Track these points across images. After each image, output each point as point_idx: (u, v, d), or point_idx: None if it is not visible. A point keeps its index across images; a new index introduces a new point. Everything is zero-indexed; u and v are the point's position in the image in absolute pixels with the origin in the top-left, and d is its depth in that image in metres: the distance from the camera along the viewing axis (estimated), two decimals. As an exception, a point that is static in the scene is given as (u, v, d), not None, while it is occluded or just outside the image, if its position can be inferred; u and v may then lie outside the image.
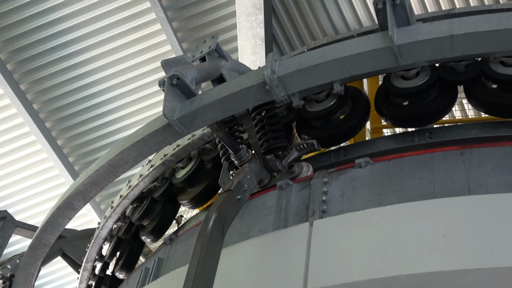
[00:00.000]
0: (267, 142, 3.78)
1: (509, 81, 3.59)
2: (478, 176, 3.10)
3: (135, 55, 10.45)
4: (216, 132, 3.54)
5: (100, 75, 10.57)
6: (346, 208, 3.22)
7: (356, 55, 2.95)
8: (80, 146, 11.19)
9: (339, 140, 4.08)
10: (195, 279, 2.76)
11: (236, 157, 3.64)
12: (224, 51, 4.14)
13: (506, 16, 2.81)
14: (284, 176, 3.70)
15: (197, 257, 2.87)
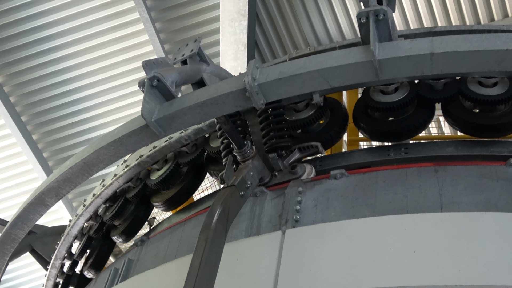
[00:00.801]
0: (271, 141, 3.74)
1: (485, 101, 3.64)
2: (450, 194, 3.13)
3: (116, 54, 10.40)
4: (223, 125, 3.47)
5: (79, 72, 10.50)
6: (319, 219, 3.23)
7: (337, 67, 2.96)
8: (55, 142, 11.09)
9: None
10: (199, 273, 2.71)
11: (239, 153, 3.57)
12: (206, 55, 4.13)
13: (486, 38, 2.85)
14: (286, 176, 3.66)
15: (201, 250, 2.82)
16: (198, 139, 4.40)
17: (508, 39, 2.81)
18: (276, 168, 3.72)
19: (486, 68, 2.89)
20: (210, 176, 4.56)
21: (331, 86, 3.09)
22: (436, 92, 3.78)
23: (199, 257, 2.78)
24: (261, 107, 3.18)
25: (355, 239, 2.96)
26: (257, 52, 10.87)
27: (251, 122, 3.88)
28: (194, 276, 2.70)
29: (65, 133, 11.02)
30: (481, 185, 3.12)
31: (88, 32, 10.16)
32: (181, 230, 3.83)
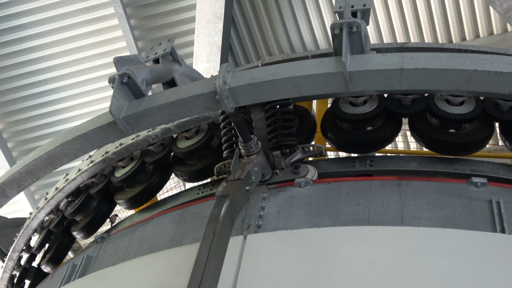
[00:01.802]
0: (276, 138, 3.71)
1: (451, 119, 3.69)
2: (412, 208, 3.17)
3: (88, 48, 10.31)
4: (232, 117, 3.38)
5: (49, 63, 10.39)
6: (281, 226, 3.24)
7: (308, 76, 2.98)
8: (21, 133, 10.95)
9: (282, 157, 4.11)
10: (206, 265, 2.67)
11: (244, 147, 3.51)
12: (178, 55, 4.13)
13: (456, 57, 2.89)
14: (288, 175, 3.63)
15: (208, 242, 2.78)
16: (165, 139, 4.39)
17: (477, 59, 2.86)
18: (277, 166, 3.68)
19: (454, 86, 2.94)
20: (176, 177, 4.54)
21: (301, 95, 3.10)
22: (404, 107, 3.83)
23: (207, 249, 2.74)
24: (230, 111, 3.18)
25: (316, 248, 2.97)
26: (230, 56, 10.88)
27: (256, 116, 3.83)
28: (202, 267, 2.66)
29: (32, 124, 10.89)
30: (442, 202, 3.17)
31: (60, 24, 10.07)
32: (143, 230, 3.80)
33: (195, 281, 2.61)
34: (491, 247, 2.86)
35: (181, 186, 6.21)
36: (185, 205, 3.77)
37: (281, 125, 3.73)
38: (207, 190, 4.25)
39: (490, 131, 3.81)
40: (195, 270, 2.67)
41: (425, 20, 10.14)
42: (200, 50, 9.87)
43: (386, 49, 4.16)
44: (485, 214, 3.11)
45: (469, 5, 9.80)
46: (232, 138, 3.79)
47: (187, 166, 4.34)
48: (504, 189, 3.27)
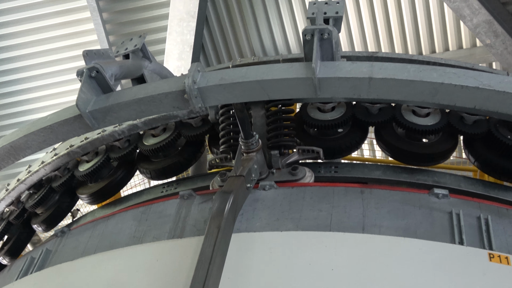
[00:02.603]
0: (276, 138, 3.70)
1: (416, 130, 3.74)
2: (373, 216, 3.19)
3: (58, 39, 10.19)
4: (237, 112, 3.36)
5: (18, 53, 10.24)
6: (244, 228, 3.24)
7: (277, 80, 2.98)
8: (-16, 121, 10.78)
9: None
10: (211, 261, 2.66)
11: (245, 143, 3.50)
12: (149, 52, 4.10)
13: (424, 69, 2.93)
14: (285, 176, 3.61)
15: (213, 238, 2.77)
16: (132, 135, 4.36)
17: (444, 73, 2.90)
18: (274, 166, 3.67)
19: (421, 98, 2.97)
20: (140, 174, 4.51)
21: (270, 98, 3.11)
22: (371, 115, 3.87)
23: (211, 245, 2.73)
24: (198, 110, 3.17)
25: (277, 252, 2.98)
26: (202, 55, 10.85)
27: (256, 113, 3.81)
28: (207, 263, 2.65)
29: (-4, 113, 10.73)
30: (403, 211, 3.20)
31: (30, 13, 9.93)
32: (104, 226, 3.76)
33: (200, 276, 2.61)
34: (449, 258, 2.90)
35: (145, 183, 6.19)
36: (148, 203, 3.74)
37: (281, 124, 3.73)
38: (172, 188, 4.24)
39: (454, 143, 3.87)
40: (199, 265, 2.66)
41: (396, 31, 10.25)
42: (172, 48, 9.83)
43: (357, 57, 4.20)
44: (444, 225, 3.15)
45: (440, 19, 9.94)
46: (230, 133, 3.77)
47: (153, 163, 4.32)
48: (465, 201, 3.31)
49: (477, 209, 3.25)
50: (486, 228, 3.14)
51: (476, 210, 3.25)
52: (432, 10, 9.89)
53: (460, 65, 3.92)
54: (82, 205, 5.55)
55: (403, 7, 9.94)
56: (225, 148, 3.75)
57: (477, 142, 3.87)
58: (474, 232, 3.14)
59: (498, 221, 3.22)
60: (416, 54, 9.32)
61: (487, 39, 8.76)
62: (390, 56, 4.15)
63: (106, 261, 3.34)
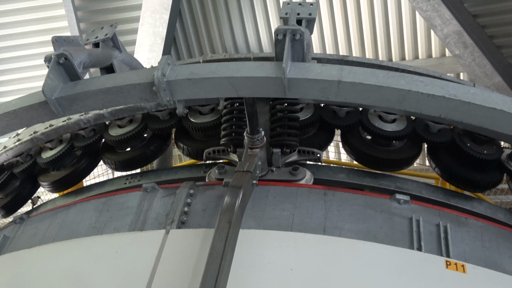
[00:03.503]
0: (280, 136, 3.66)
1: (382, 135, 3.78)
2: (335, 219, 3.22)
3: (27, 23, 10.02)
4: (248, 107, 3.31)
5: (-15, 35, 10.06)
6: (205, 224, 3.24)
7: (247, 78, 2.97)
8: None
9: (215, 155, 4.11)
10: (223, 256, 2.65)
11: (250, 138, 3.45)
12: (120, 42, 4.06)
13: (392, 75, 2.95)
14: (284, 175, 3.59)
15: (224, 233, 2.75)
16: (97, 124, 4.32)
17: (412, 80, 2.92)
18: (275, 164, 3.64)
19: (388, 104, 2.99)
20: (104, 164, 4.47)
21: (239, 95, 3.10)
22: (338, 118, 3.89)
23: (223, 240, 2.72)
24: (166, 104, 3.14)
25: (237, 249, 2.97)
26: (174, 48, 10.79)
27: (261, 109, 3.76)
28: (219, 258, 2.63)
29: (-41, 96, 10.52)
30: (365, 215, 3.23)
31: (1, -5, 9.76)
32: (64, 214, 3.72)
33: (212, 271, 2.60)
34: (406, 264, 2.94)
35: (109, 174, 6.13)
36: (110, 193, 3.71)
37: (286, 123, 3.70)
38: (135, 180, 4.21)
39: (418, 150, 3.92)
40: (210, 260, 2.65)
41: (368, 36, 10.31)
42: (144, 39, 9.74)
43: (327, 60, 4.21)
44: (404, 231, 3.19)
45: (411, 27, 10.03)
46: (232, 127, 3.73)
47: (117, 154, 4.28)
48: (425, 208, 3.36)
49: (436, 217, 3.30)
50: (444, 236, 3.19)
51: (435, 217, 3.30)
52: (404, 18, 9.98)
53: (428, 74, 3.96)
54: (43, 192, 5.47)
55: (376, 14, 10.01)
56: (226, 141, 3.70)
57: (440, 151, 3.92)
58: (432, 239, 3.19)
59: (456, 229, 3.27)
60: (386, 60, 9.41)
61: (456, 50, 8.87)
62: (360, 60, 4.17)
63: (64, 250, 3.30)
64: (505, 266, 3.17)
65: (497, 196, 9.26)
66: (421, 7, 8.55)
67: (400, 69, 4.00)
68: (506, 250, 3.27)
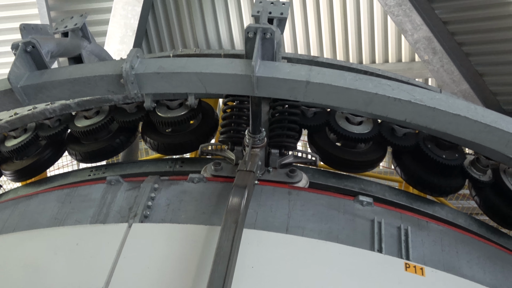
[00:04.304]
0: (279, 137, 3.64)
1: (348, 137, 3.81)
2: (298, 218, 3.23)
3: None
4: (253, 106, 3.28)
5: (-48, 20, 9.87)
6: (169, 219, 3.23)
7: (215, 74, 2.97)
8: None
9: (181, 150, 4.10)
10: (230, 257, 2.64)
11: (251, 137, 3.42)
12: (89, 32, 4.03)
13: (360, 78, 2.97)
14: (281, 176, 3.57)
15: (231, 233, 2.75)
16: (63, 115, 4.27)
17: (379, 84, 2.95)
18: (271, 164, 3.62)
19: (355, 106, 3.01)
20: (69, 155, 4.42)
21: (207, 91, 3.09)
22: (305, 118, 3.91)
23: (230, 240, 2.71)
24: (133, 96, 3.12)
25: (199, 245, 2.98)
26: (145, 41, 10.72)
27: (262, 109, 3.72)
28: (226, 259, 2.63)
29: None
30: (327, 215, 3.25)
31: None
32: (26, 204, 3.68)
33: (219, 271, 2.59)
34: (366, 265, 2.97)
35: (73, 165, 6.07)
36: (74, 185, 3.68)
37: (286, 125, 3.68)
38: (100, 173, 4.18)
39: (383, 153, 3.96)
40: (217, 259, 2.64)
41: (340, 38, 10.37)
42: (115, 30, 9.66)
43: (297, 60, 4.22)
44: (366, 232, 3.22)
45: (382, 31, 10.11)
46: (232, 124, 3.69)
47: (82, 146, 4.24)
48: (388, 210, 3.40)
49: (398, 219, 3.34)
50: (405, 239, 3.23)
51: (397, 220, 3.34)
52: (376, 22, 10.06)
53: (396, 78, 4.01)
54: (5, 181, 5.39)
55: (348, 16, 10.07)
56: (224, 138, 3.67)
57: (405, 155, 3.97)
58: (393, 242, 3.22)
59: (417, 233, 3.31)
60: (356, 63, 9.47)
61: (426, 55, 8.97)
62: (330, 62, 4.20)
63: (24, 240, 3.26)
64: (463, 270, 3.23)
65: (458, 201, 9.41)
66: (393, 11, 8.63)
67: (369, 72, 4.03)
68: (465, 255, 3.33)
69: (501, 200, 3.99)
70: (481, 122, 2.91)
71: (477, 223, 3.98)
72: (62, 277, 2.94)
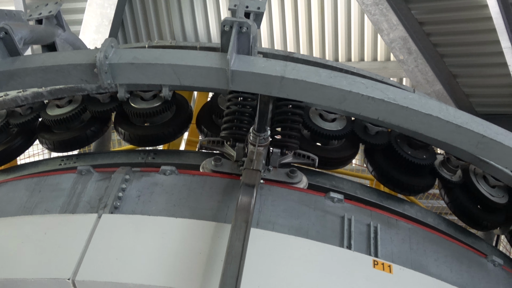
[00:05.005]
0: (282, 137, 3.61)
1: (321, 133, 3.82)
2: (269, 213, 3.24)
3: (-30, -7, 9.72)
4: (262, 105, 3.24)
5: None
6: (139, 210, 3.21)
7: (190, 67, 2.96)
8: None
9: (154, 142, 4.08)
10: (242, 256, 2.67)
11: (255, 136, 3.39)
12: (64, 20, 3.98)
13: (334, 75, 2.99)
14: (281, 176, 3.55)
15: (242, 232, 2.77)
16: (35, 103, 4.21)
17: (354, 81, 2.97)
18: (272, 163, 3.58)
19: (329, 103, 3.03)
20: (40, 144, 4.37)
21: (181, 84, 3.08)
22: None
23: (241, 239, 2.74)
24: (107, 86, 3.10)
25: (170, 237, 2.98)
26: (121, 31, 10.64)
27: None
28: (238, 258, 2.66)
29: None
30: (298, 211, 3.26)
31: None
32: (-6, 192, 3.64)
33: (232, 271, 2.62)
34: (335, 261, 2.99)
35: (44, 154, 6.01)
36: (44, 174, 3.64)
37: (289, 125, 3.66)
38: (71, 162, 4.14)
39: (355, 151, 3.98)
40: (229, 259, 2.66)
41: (316, 35, 10.41)
42: (90, 19, 9.57)
43: (273, 55, 4.22)
44: (336, 229, 3.24)
45: (359, 29, 10.17)
46: (234, 121, 3.65)
47: (54, 134, 4.19)
48: (358, 208, 3.42)
49: (368, 217, 3.37)
50: (374, 236, 3.26)
51: (367, 217, 3.36)
52: (352, 20, 10.11)
53: (371, 76, 4.03)
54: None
55: (326, 13, 10.11)
56: (227, 134, 3.64)
57: (377, 153, 4.00)
58: (362, 239, 3.25)
59: (386, 230, 3.35)
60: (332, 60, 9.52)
61: (401, 55, 9.05)
62: (306, 58, 4.20)
63: (-9, 228, 3.23)
64: (430, 269, 3.27)
65: (428, 200, 9.52)
66: (370, 10, 8.68)
67: (344, 70, 4.04)
68: (433, 254, 3.37)
69: (470, 201, 4.04)
70: (452, 123, 2.95)
71: (446, 222, 4.03)
72: (29, 266, 2.92)
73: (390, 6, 8.53)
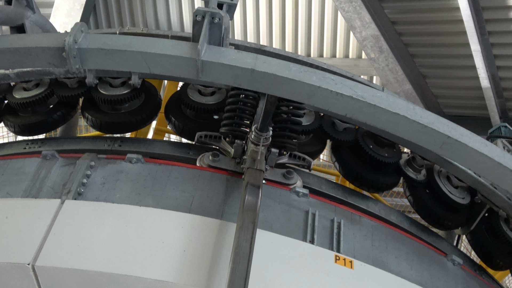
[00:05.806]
0: (281, 137, 3.57)
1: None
2: (234, 205, 3.25)
3: None
4: (268, 105, 3.20)
5: None
6: (103, 197, 3.19)
7: (160, 55, 2.94)
8: None
9: (122, 129, 4.05)
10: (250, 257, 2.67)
11: (257, 135, 3.35)
12: (34, 2, 3.92)
13: (304, 70, 3.00)
14: (277, 176, 3.54)
15: (249, 232, 2.77)
16: (1, 85, 4.15)
17: (323, 77, 2.98)
18: (269, 163, 3.56)
19: (298, 98, 3.04)
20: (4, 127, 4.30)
21: (151, 72, 3.06)
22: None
23: (248, 240, 2.73)
24: (75, 71, 3.06)
25: (133, 226, 2.96)
26: (93, 16, 10.52)
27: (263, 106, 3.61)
28: (246, 258, 2.65)
29: None
30: (263, 204, 3.27)
31: None
32: (-45, 174, 3.57)
33: (240, 271, 2.61)
34: (298, 255, 3.01)
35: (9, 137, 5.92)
36: (7, 157, 3.59)
37: (289, 126, 3.62)
38: (35, 146, 4.08)
39: (322, 146, 4.00)
40: (237, 259, 2.66)
41: (289, 29, 10.41)
42: (62, 2, 9.44)
43: (245, 48, 4.22)
44: (299, 223, 3.26)
45: (332, 26, 10.21)
46: (234, 118, 3.61)
47: (19, 118, 4.13)
48: (323, 203, 3.45)
49: (332, 212, 3.39)
50: (337, 231, 3.29)
51: (331, 213, 3.39)
52: (326, 16, 10.14)
53: (341, 73, 4.05)
54: None
55: (300, 8, 10.12)
56: (227, 130, 3.60)
57: (344, 149, 4.03)
58: (326, 234, 3.28)
59: (349, 226, 3.38)
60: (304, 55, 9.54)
61: (372, 53, 9.11)
62: (277, 52, 4.21)
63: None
64: (390, 265, 3.31)
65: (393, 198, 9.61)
66: (343, 7, 8.71)
67: (315, 65, 4.06)
68: (394, 251, 3.41)
69: (433, 200, 4.10)
70: (418, 122, 2.98)
71: (409, 220, 4.08)
72: (-12, 250, 2.88)
73: (364, 4, 8.56)
